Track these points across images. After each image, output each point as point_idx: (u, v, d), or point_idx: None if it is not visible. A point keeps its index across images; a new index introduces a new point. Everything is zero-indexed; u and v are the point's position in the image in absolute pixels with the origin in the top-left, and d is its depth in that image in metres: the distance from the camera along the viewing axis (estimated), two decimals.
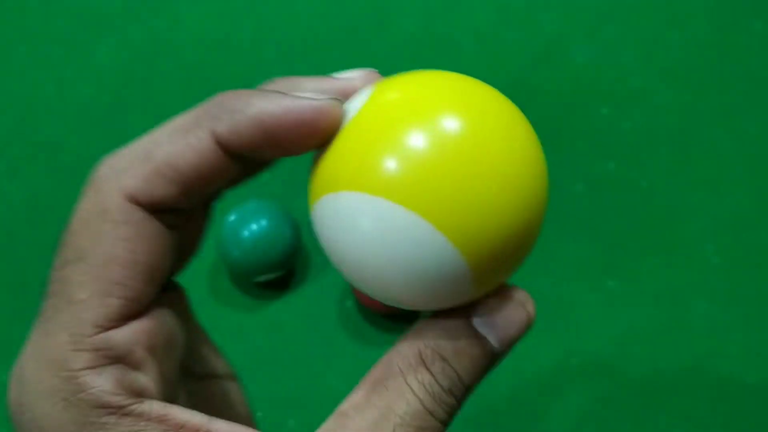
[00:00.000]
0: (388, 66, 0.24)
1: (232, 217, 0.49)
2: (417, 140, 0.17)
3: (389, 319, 0.50)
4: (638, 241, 0.54)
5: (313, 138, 0.19)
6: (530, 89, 0.62)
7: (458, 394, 0.20)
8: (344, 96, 0.20)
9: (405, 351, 0.19)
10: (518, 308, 0.20)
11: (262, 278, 0.50)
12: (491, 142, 0.18)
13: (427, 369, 0.19)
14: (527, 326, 0.20)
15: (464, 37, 0.64)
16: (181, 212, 0.19)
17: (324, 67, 0.44)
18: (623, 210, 0.55)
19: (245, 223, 0.48)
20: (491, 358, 0.20)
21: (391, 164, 0.17)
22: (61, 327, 0.18)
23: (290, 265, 0.50)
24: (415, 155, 0.17)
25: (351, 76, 0.20)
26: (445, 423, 0.20)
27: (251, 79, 0.52)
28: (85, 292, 0.18)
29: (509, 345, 0.20)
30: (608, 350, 0.49)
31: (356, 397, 0.20)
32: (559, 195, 0.56)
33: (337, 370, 0.49)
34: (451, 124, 0.18)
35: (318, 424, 0.45)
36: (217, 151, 0.18)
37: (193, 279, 0.52)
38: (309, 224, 0.53)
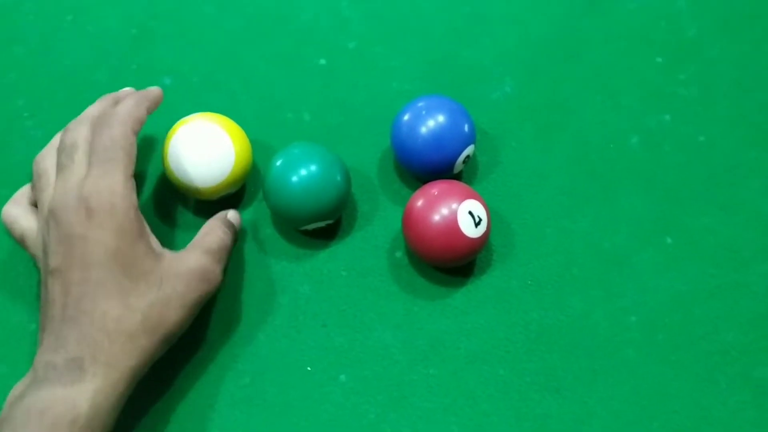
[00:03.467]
0: None
1: (278, 162, 0.45)
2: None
3: (441, 270, 0.48)
4: (695, 197, 0.52)
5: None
6: (580, 37, 0.59)
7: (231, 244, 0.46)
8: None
9: (215, 222, 0.46)
10: (237, 215, 0.48)
11: (310, 227, 0.47)
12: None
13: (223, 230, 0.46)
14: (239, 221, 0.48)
15: None
16: None
17: None
18: (680, 165, 0.53)
19: (293, 167, 0.45)
20: (234, 232, 0.47)
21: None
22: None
23: (339, 213, 0.48)
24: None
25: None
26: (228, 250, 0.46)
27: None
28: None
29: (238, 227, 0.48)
30: (667, 309, 0.48)
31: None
32: (614, 147, 0.54)
33: (388, 323, 0.47)
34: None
35: (370, 378, 0.44)
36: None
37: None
38: (358, 170, 0.50)
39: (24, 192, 0.46)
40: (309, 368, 0.45)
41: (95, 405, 0.37)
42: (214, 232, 0.45)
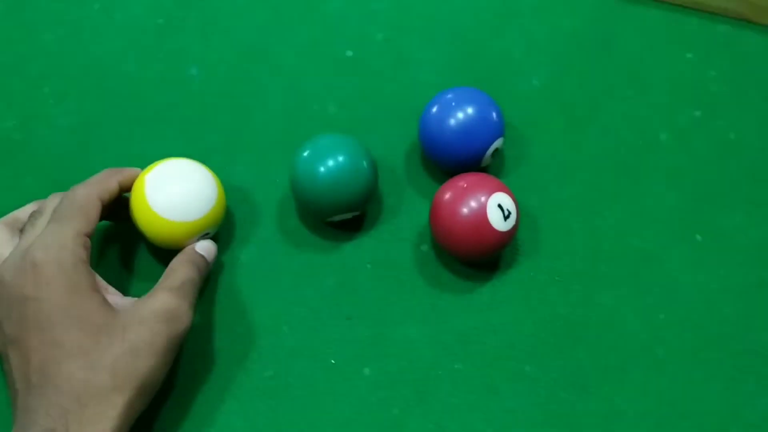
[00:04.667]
0: None
1: (305, 152, 0.45)
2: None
3: (468, 264, 0.48)
4: (726, 194, 0.51)
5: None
6: (610, 31, 0.58)
7: (198, 278, 0.43)
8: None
9: (179, 257, 0.43)
10: (212, 246, 0.45)
11: (336, 218, 0.47)
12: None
13: (188, 265, 0.43)
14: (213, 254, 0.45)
15: None
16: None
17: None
18: (710, 161, 0.52)
19: (321, 158, 0.44)
20: (205, 265, 0.44)
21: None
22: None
23: (366, 205, 0.47)
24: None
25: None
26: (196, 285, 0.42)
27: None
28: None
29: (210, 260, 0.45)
30: (696, 307, 0.47)
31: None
32: (643, 143, 0.53)
33: (413, 317, 0.46)
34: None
35: (395, 372, 0.44)
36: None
37: (261, 215, 0.49)
38: (384, 163, 0.50)
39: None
40: (333, 361, 0.45)
41: None
42: (176, 268, 0.42)
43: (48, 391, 0.35)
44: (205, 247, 0.45)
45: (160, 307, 0.39)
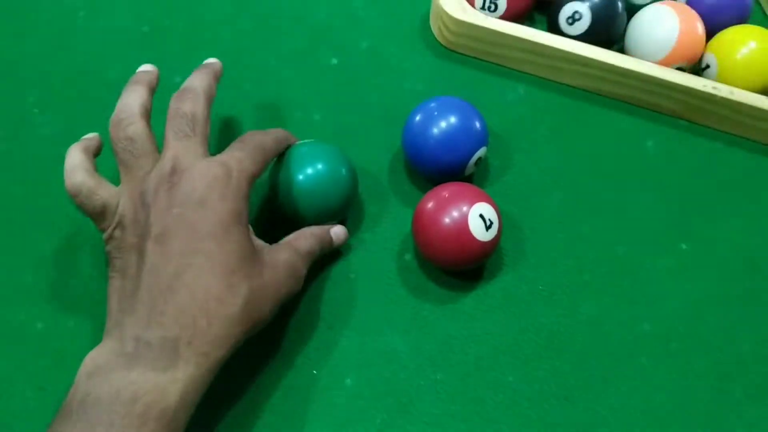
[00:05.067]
0: None
1: (284, 159, 0.45)
2: None
3: (451, 274, 0.47)
4: (710, 204, 0.51)
5: None
6: None
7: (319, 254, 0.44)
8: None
9: (314, 228, 0.44)
10: (343, 233, 0.46)
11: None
12: None
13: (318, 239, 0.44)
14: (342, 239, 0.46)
15: None
16: None
17: None
18: (695, 170, 0.52)
19: (299, 165, 0.44)
20: (329, 247, 0.45)
21: None
22: None
23: (345, 214, 0.47)
24: None
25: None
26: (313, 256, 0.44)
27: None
28: None
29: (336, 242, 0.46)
30: (681, 317, 0.47)
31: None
32: (628, 151, 0.53)
33: (395, 327, 0.46)
34: None
35: (376, 383, 0.43)
36: None
37: None
38: (367, 171, 0.50)
39: (86, 159, 0.41)
40: (315, 371, 0.45)
41: (184, 397, 0.34)
42: (304, 236, 0.43)
43: (182, 297, 0.35)
44: (338, 232, 0.46)
45: (289, 260, 0.41)
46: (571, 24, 0.54)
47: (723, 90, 0.52)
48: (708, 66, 0.54)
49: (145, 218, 0.37)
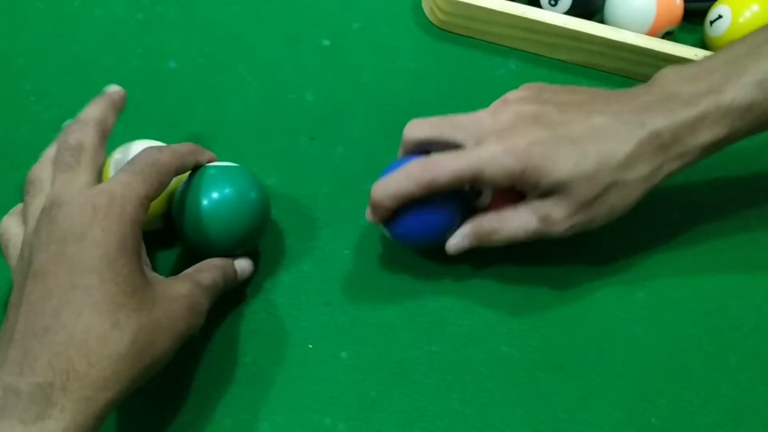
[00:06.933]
0: None
1: (187, 182, 0.42)
2: None
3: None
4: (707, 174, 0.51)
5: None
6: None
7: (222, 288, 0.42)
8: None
9: (218, 259, 0.43)
10: (249, 266, 0.46)
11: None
12: None
13: (220, 271, 0.43)
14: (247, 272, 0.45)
15: None
16: None
17: None
18: None
19: (204, 188, 0.41)
20: (233, 281, 0.44)
21: None
22: None
23: (256, 243, 0.47)
24: None
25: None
26: None
27: None
28: None
29: None
30: (675, 284, 0.47)
31: None
32: None
33: (390, 301, 0.47)
34: None
35: (372, 356, 0.43)
36: None
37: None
38: (361, 149, 0.50)
39: (21, 206, 0.41)
40: (311, 346, 0.45)
41: None
42: (207, 268, 0.41)
43: (59, 337, 0.32)
44: (242, 265, 0.44)
45: (188, 294, 0.38)
46: (554, 5, 0.54)
47: None
48: (720, 16, 0.54)
49: (29, 256, 0.36)
